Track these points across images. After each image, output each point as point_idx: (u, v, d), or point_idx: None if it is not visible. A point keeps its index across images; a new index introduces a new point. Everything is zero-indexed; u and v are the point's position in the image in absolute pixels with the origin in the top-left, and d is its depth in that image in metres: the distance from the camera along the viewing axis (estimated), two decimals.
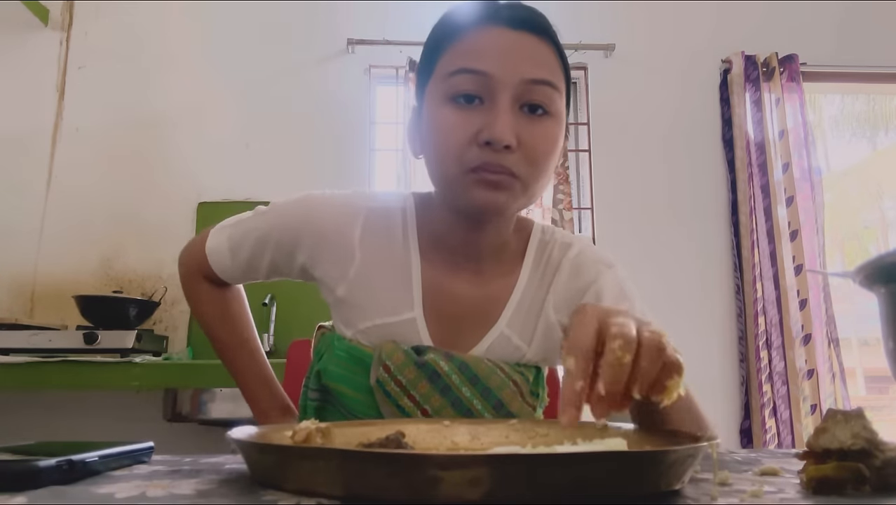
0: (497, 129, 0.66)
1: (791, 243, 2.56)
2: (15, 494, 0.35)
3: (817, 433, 0.40)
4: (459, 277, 0.80)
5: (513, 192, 0.69)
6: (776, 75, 2.68)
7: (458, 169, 0.69)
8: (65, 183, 2.49)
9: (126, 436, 0.55)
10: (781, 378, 2.46)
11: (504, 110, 0.67)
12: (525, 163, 0.68)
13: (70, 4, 2.63)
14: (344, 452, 0.35)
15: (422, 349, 0.77)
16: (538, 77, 0.69)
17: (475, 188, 0.69)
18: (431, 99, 0.73)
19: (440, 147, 0.70)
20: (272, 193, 2.56)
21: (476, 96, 0.69)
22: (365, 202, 0.82)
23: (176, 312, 2.41)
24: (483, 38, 0.70)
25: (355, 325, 0.79)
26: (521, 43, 0.70)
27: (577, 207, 2.64)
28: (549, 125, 0.70)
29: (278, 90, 2.61)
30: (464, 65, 0.69)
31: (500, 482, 0.33)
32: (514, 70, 0.68)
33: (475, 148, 0.68)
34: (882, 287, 0.49)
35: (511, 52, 0.69)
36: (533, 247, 0.84)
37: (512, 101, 0.68)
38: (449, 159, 0.69)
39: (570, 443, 0.48)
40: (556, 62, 0.72)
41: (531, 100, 0.69)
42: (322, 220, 0.81)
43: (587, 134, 2.68)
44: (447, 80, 0.70)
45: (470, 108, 0.69)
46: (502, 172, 0.68)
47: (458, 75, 0.69)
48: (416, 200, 0.84)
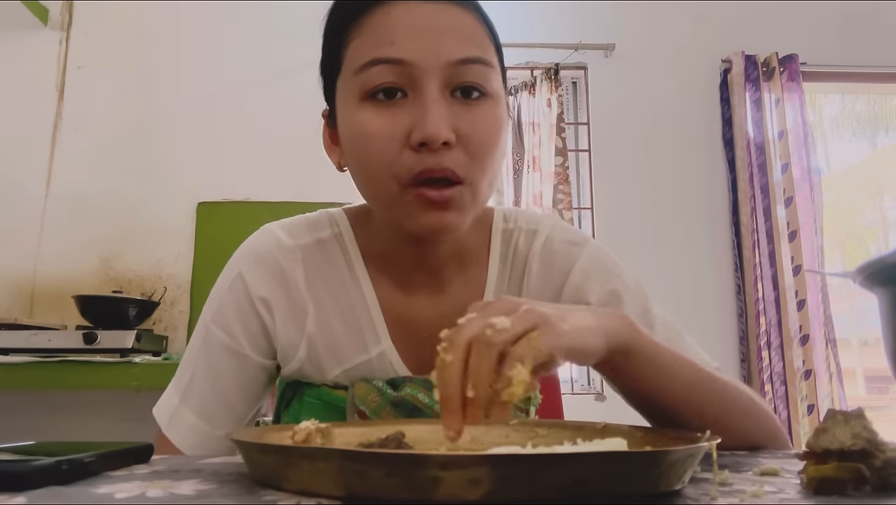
0: (429, 124, 0.55)
1: (790, 244, 2.56)
2: (14, 494, 0.35)
3: (817, 433, 0.40)
4: (419, 295, 0.72)
5: (462, 205, 0.59)
6: (776, 75, 2.68)
7: (392, 185, 0.58)
8: (65, 183, 2.49)
9: (126, 436, 0.55)
10: (780, 378, 2.46)
11: (433, 100, 0.57)
12: (468, 158, 0.58)
13: (70, 4, 2.63)
14: (344, 452, 0.35)
15: (397, 382, 0.70)
16: (468, 55, 0.58)
17: (418, 210, 0.58)
18: (344, 100, 0.62)
19: (365, 159, 0.59)
20: (272, 193, 2.59)
21: (397, 89, 0.58)
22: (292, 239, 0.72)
23: (176, 312, 2.41)
24: (393, 16, 0.58)
25: (324, 376, 0.72)
26: (440, 16, 0.58)
27: (577, 207, 2.64)
28: (490, 109, 0.60)
29: (278, 90, 2.61)
30: (376, 54, 0.57)
31: (500, 482, 0.33)
32: (437, 51, 0.57)
33: (408, 153, 0.57)
34: (882, 287, 0.49)
35: (430, 29, 0.57)
36: (497, 241, 0.74)
37: (441, 87, 0.57)
38: (379, 174, 0.59)
39: (570, 443, 0.48)
40: (484, 34, 0.61)
41: (464, 82, 0.58)
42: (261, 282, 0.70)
43: (587, 134, 2.69)
44: (359, 75, 0.59)
45: (392, 105, 0.58)
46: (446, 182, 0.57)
47: (371, 68, 0.58)
48: (350, 219, 0.74)
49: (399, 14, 0.58)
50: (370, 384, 0.69)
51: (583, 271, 0.73)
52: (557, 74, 2.60)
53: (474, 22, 0.60)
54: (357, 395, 0.69)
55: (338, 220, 0.75)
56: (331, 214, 0.76)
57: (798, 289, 2.52)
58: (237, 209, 2.50)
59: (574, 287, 0.73)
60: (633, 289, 0.73)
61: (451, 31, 0.58)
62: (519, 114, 2.62)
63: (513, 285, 0.74)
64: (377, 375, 0.71)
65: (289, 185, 2.52)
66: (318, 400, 0.73)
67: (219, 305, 0.72)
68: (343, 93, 0.62)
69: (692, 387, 0.56)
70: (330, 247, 0.73)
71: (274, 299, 0.71)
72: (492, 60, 0.61)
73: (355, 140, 0.60)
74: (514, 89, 2.63)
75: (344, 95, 0.62)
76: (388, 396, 0.69)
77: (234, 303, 0.71)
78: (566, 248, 0.74)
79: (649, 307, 0.72)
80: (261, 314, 0.71)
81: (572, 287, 0.73)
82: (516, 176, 2.62)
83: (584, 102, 2.73)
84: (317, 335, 0.71)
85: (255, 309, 0.71)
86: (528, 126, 2.60)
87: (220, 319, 0.71)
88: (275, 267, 0.71)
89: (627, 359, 0.53)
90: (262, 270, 0.71)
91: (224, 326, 0.71)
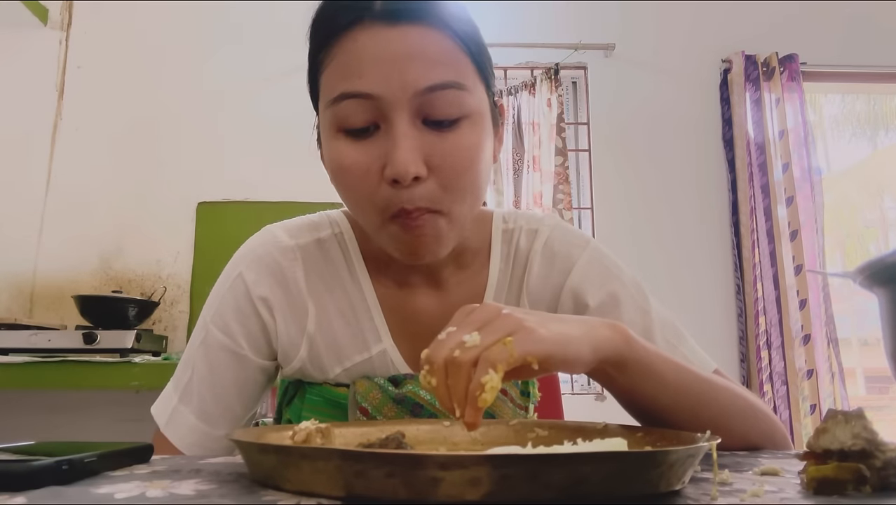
0: (398, 161, 0.55)
1: (791, 243, 2.56)
2: (14, 494, 0.35)
3: (818, 434, 0.40)
4: (419, 293, 0.72)
5: (438, 234, 0.59)
6: (776, 75, 2.68)
7: (376, 218, 0.60)
8: (65, 183, 2.49)
9: (126, 436, 0.55)
10: (781, 378, 2.46)
11: (402, 135, 0.56)
12: (442, 189, 0.58)
13: (69, 4, 2.63)
14: (344, 452, 0.35)
15: (398, 379, 0.70)
16: (435, 82, 0.56)
17: (398, 241, 0.60)
18: (323, 128, 0.62)
19: (347, 190, 0.61)
20: (272, 193, 2.59)
21: (369, 124, 0.57)
22: (292, 239, 0.72)
23: (176, 312, 2.41)
24: (360, 44, 0.57)
25: (325, 375, 0.72)
26: (407, 41, 0.56)
27: (577, 207, 2.64)
28: (463, 134, 0.58)
29: (278, 90, 2.61)
30: (344, 88, 0.57)
31: (500, 482, 0.33)
32: (403, 82, 0.55)
33: (385, 187, 0.57)
34: (882, 287, 0.49)
35: (396, 58, 0.55)
36: (497, 241, 0.75)
37: (410, 118, 0.56)
38: (361, 205, 0.60)
39: (570, 443, 0.48)
40: (457, 51, 0.58)
41: (433, 112, 0.57)
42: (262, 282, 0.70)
43: (587, 134, 2.69)
44: (332, 108, 0.58)
45: (366, 139, 0.58)
46: (423, 214, 0.57)
47: (341, 102, 0.57)
48: (350, 219, 0.75)
49: (365, 42, 0.56)
50: (372, 381, 0.70)
51: (582, 272, 0.73)
52: (557, 74, 2.60)
53: (444, 40, 0.57)
54: (359, 392, 0.69)
55: (338, 220, 0.76)
56: (331, 215, 0.76)
57: (799, 288, 2.52)
58: (237, 209, 2.50)
59: (573, 287, 0.73)
60: (632, 291, 0.73)
61: (417, 56, 0.56)
62: (519, 114, 2.62)
63: (513, 284, 0.75)
64: (378, 373, 0.72)
65: (289, 186, 2.52)
66: (319, 397, 0.73)
67: (218, 305, 0.72)
68: (322, 120, 0.62)
69: (686, 393, 0.56)
70: (330, 246, 0.73)
71: (274, 299, 0.71)
72: (465, 81, 0.58)
73: (335, 171, 0.61)
74: (514, 89, 2.63)
75: (323, 123, 0.62)
76: (389, 393, 0.69)
77: (234, 303, 0.71)
78: (567, 248, 0.75)
79: (648, 309, 0.73)
80: (261, 314, 0.71)
81: (571, 287, 0.73)
82: (516, 176, 2.62)
83: (584, 102, 2.73)
84: (317, 334, 0.71)
85: (256, 309, 0.71)
86: (528, 126, 2.60)
87: (219, 319, 0.71)
88: (275, 267, 0.71)
89: (620, 369, 0.53)
90: (262, 270, 0.71)
91: (223, 327, 0.71)
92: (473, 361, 0.43)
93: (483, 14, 2.69)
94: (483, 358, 0.43)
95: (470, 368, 0.43)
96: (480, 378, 0.42)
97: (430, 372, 0.45)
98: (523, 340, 0.44)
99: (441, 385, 0.44)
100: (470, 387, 0.42)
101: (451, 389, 0.44)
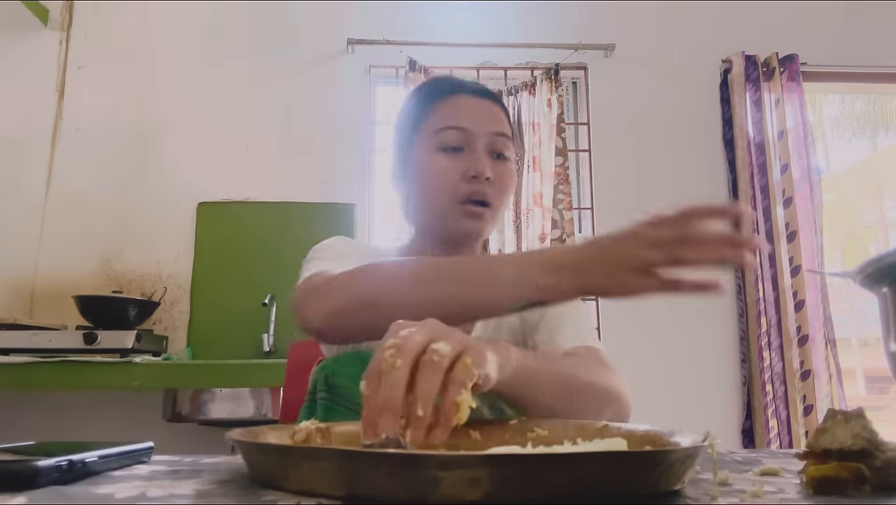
0: (480, 166, 0.90)
1: (789, 244, 2.56)
2: (15, 494, 0.35)
3: (818, 433, 0.40)
4: None
5: (486, 219, 0.92)
6: (776, 75, 2.68)
7: (449, 200, 0.90)
8: (65, 183, 2.49)
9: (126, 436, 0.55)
10: (780, 378, 2.46)
11: (482, 154, 0.91)
12: (496, 193, 0.91)
13: (70, 4, 2.63)
14: (344, 452, 0.35)
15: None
16: (499, 131, 0.93)
17: (462, 218, 0.90)
18: (422, 149, 0.93)
19: (435, 184, 0.91)
20: (272, 193, 2.59)
21: (460, 147, 0.91)
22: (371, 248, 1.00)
23: (176, 313, 2.41)
24: (460, 103, 0.93)
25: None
26: (486, 106, 0.94)
27: (577, 207, 2.64)
28: (509, 165, 0.94)
29: (278, 90, 2.61)
30: (449, 123, 0.91)
31: (500, 482, 0.33)
32: (484, 126, 0.91)
33: (463, 183, 0.90)
34: (882, 287, 0.49)
35: (481, 113, 0.93)
36: None
37: (485, 148, 0.91)
38: (442, 193, 0.91)
39: (570, 443, 0.48)
40: (506, 121, 0.96)
41: (496, 148, 0.92)
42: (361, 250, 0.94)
43: (587, 134, 2.68)
44: (436, 135, 0.91)
45: (456, 155, 0.91)
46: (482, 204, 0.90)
47: (445, 131, 0.91)
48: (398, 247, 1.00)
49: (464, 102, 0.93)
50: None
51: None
52: (557, 74, 2.60)
53: (502, 113, 0.96)
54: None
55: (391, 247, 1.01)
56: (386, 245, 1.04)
57: (797, 289, 2.52)
58: (237, 209, 2.50)
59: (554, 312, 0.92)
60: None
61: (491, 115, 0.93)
62: (519, 114, 2.62)
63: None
64: None
65: (289, 186, 2.52)
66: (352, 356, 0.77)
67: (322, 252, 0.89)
68: (422, 144, 0.93)
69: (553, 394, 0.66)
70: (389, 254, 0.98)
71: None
72: (510, 136, 0.95)
73: (429, 173, 0.91)
74: (514, 89, 2.63)
75: (423, 146, 0.93)
76: None
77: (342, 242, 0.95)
78: None
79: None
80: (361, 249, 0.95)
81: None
82: (517, 176, 2.62)
83: (584, 102, 2.73)
84: None
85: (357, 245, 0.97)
86: (528, 126, 2.60)
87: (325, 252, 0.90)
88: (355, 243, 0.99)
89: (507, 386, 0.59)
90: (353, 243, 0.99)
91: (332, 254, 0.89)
92: (447, 368, 0.46)
93: (483, 14, 2.69)
94: (452, 379, 0.46)
95: (442, 373, 0.45)
96: (455, 398, 0.45)
97: (394, 356, 0.46)
98: (475, 358, 0.48)
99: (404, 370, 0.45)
100: (445, 406, 0.45)
101: (418, 388, 0.45)
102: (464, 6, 2.69)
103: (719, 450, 0.52)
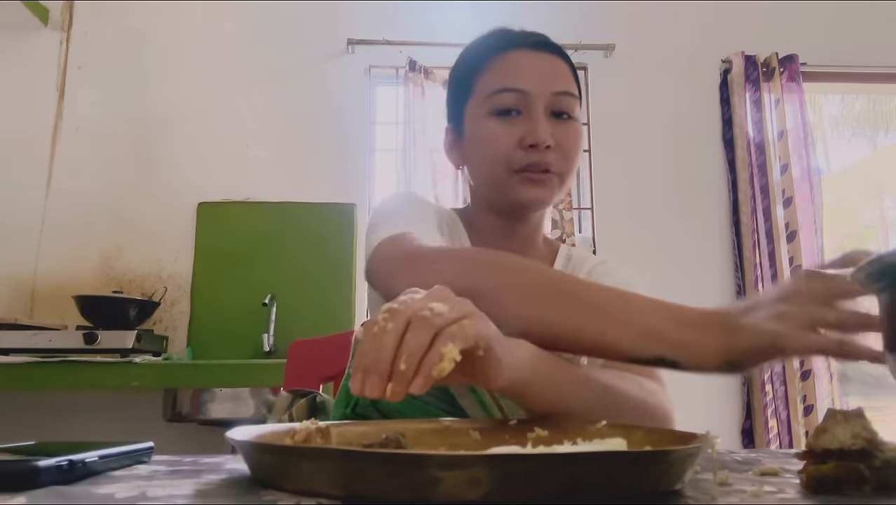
0: (539, 133, 0.79)
1: (789, 244, 2.56)
2: (15, 494, 0.35)
3: (817, 433, 0.40)
4: None
5: (552, 186, 0.82)
6: (776, 75, 2.68)
7: (505, 170, 0.81)
8: (65, 183, 2.49)
9: (126, 436, 0.55)
10: (779, 378, 2.46)
11: (541, 119, 0.80)
12: (560, 159, 0.81)
13: (70, 4, 2.63)
14: (344, 452, 0.35)
15: None
16: (562, 89, 0.82)
17: (522, 186, 0.81)
18: (474, 115, 0.84)
19: (489, 153, 0.82)
20: (272, 193, 2.59)
21: (515, 110, 0.81)
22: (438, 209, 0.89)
23: (176, 312, 2.41)
24: (515, 60, 0.83)
25: None
26: (546, 62, 0.84)
27: (577, 207, 2.64)
28: (574, 126, 0.84)
29: (278, 90, 2.61)
30: (504, 85, 0.81)
31: (500, 482, 0.33)
32: (544, 86, 0.81)
33: (520, 151, 0.80)
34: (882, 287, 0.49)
35: (540, 70, 0.82)
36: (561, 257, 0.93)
37: (545, 110, 0.81)
38: (497, 162, 0.81)
39: (570, 443, 0.48)
40: (571, 75, 0.86)
41: (559, 108, 0.82)
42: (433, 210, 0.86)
43: (587, 134, 2.68)
44: (490, 99, 0.82)
45: (511, 120, 0.81)
46: (543, 171, 0.80)
47: (500, 94, 0.81)
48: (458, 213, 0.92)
49: (520, 59, 0.83)
50: None
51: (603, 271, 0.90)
52: None
53: (566, 67, 0.85)
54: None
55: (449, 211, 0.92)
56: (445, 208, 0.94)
57: None
58: (237, 209, 2.50)
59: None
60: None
61: (553, 72, 0.83)
62: None
63: None
64: None
65: (289, 185, 2.52)
66: None
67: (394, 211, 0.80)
68: (474, 110, 0.84)
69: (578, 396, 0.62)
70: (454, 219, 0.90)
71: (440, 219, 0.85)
72: (576, 94, 0.84)
73: (483, 141, 0.82)
74: None
75: (475, 112, 0.84)
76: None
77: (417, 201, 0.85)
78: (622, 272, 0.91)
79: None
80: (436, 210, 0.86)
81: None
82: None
83: (585, 102, 2.73)
84: None
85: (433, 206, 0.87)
86: None
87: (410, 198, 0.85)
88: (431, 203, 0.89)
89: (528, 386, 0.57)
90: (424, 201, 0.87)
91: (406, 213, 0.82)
92: (440, 326, 0.45)
93: (483, 14, 2.69)
94: (443, 333, 0.45)
95: (433, 330, 0.44)
96: (441, 348, 0.44)
97: (386, 319, 0.45)
98: (478, 324, 0.48)
99: (395, 333, 0.44)
100: (428, 355, 0.44)
101: (405, 341, 0.44)
102: (464, 6, 2.69)
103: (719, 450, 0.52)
